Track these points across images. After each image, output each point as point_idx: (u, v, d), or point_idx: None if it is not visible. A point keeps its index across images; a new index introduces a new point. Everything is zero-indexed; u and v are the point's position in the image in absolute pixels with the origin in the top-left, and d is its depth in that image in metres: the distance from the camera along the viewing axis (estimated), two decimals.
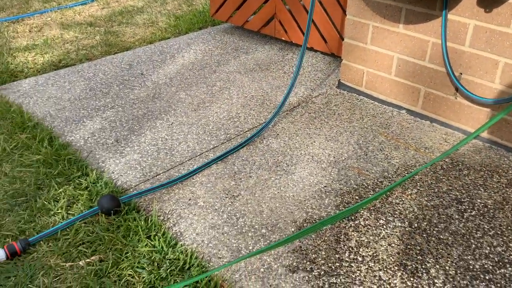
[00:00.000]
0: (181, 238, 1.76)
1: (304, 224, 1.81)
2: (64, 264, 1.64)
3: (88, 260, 1.64)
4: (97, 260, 1.64)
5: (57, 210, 1.88)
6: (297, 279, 1.57)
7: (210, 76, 3.07)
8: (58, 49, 3.53)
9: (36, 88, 2.91)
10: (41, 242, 1.72)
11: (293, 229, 1.79)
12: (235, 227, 1.81)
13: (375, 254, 1.66)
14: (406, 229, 1.77)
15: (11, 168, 2.13)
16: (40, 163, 2.14)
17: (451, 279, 1.56)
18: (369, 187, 2.00)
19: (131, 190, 2.02)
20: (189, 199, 1.96)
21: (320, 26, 3.09)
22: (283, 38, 3.39)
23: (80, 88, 2.92)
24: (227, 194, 1.99)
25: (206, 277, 1.56)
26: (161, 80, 3.02)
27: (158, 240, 1.71)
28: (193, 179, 2.09)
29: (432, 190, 1.97)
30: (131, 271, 1.60)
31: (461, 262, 1.63)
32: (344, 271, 1.60)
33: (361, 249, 1.68)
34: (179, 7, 4.60)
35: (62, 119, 2.56)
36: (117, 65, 3.25)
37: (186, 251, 1.69)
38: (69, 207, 1.90)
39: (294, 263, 1.63)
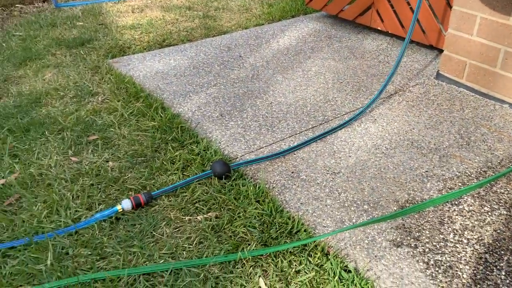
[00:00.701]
0: (286, 205, 1.87)
1: (406, 204, 1.86)
2: (184, 217, 1.80)
3: (205, 215, 1.79)
4: (214, 216, 1.79)
5: (174, 170, 2.05)
6: (401, 253, 1.63)
7: (305, 62, 3.16)
8: (161, 29, 3.76)
9: (144, 63, 3.14)
10: (163, 196, 1.90)
11: (395, 208, 1.84)
12: (338, 201, 1.89)
13: (480, 238, 1.68)
14: None
15: (129, 132, 2.34)
16: (155, 129, 2.34)
17: None
18: (472, 175, 2.00)
19: (237, 159, 2.15)
20: (292, 172, 2.07)
21: (420, 16, 3.08)
22: (378, 28, 3.41)
23: (184, 66, 3.11)
24: (327, 171, 2.07)
25: (313, 241, 1.66)
26: (258, 63, 3.15)
27: (268, 204, 1.83)
28: (294, 154, 2.19)
29: None
30: (244, 229, 1.73)
31: None
32: (449, 250, 1.63)
33: (465, 232, 1.71)
34: None
35: (170, 92, 2.75)
36: (216, 47, 3.42)
37: (293, 217, 1.79)
38: (184, 169, 2.07)
39: (398, 239, 1.69)
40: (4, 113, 2.54)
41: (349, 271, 1.56)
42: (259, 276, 1.54)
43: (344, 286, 1.50)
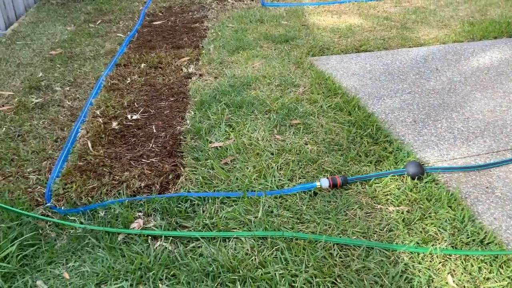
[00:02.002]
0: (478, 217, 1.88)
1: None
2: (375, 205, 1.94)
3: (396, 208, 1.90)
4: (405, 210, 1.89)
5: (367, 162, 2.20)
6: None
7: (507, 84, 3.03)
8: (359, 35, 3.94)
9: (342, 64, 3.35)
10: (357, 183, 2.07)
11: None
12: None
13: None
14: None
15: (327, 122, 2.56)
16: (351, 123, 2.52)
17: None
18: None
19: (429, 165, 2.21)
20: (486, 187, 2.05)
21: None
22: None
23: (379, 71, 3.24)
24: None
25: (506, 254, 1.65)
26: (455, 78, 3.13)
27: (461, 211, 1.86)
28: (490, 171, 2.16)
29: None
30: (434, 228, 1.80)
31: None
32: None
33: None
34: (472, 14, 4.56)
35: (365, 93, 2.91)
36: (412, 57, 3.47)
37: (485, 229, 1.80)
38: (376, 163, 2.20)
39: None
40: (221, 90, 2.98)
41: None
42: (448, 273, 1.60)
43: None
